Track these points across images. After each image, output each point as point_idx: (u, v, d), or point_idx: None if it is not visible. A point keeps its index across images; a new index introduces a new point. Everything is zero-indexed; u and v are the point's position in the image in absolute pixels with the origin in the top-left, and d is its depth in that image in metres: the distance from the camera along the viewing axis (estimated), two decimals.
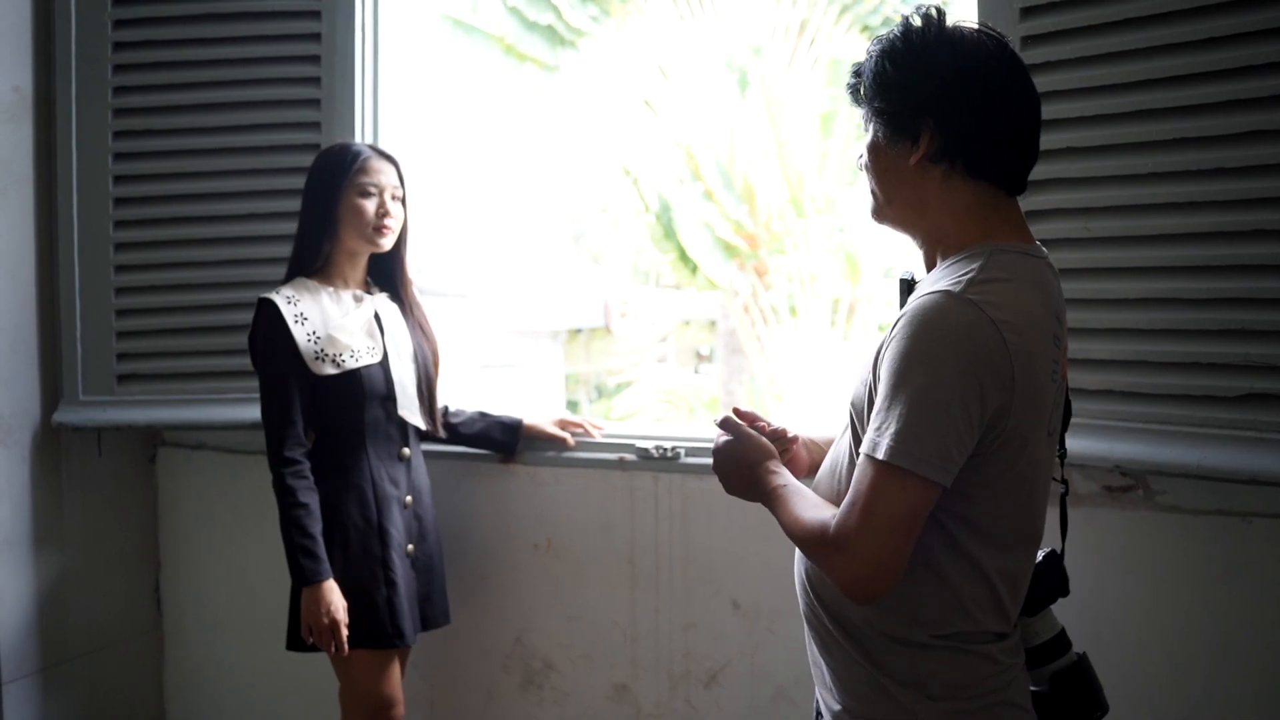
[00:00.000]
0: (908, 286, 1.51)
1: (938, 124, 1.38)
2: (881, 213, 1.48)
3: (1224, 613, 2.11)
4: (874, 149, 1.45)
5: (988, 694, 1.39)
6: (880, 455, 1.26)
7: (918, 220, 1.44)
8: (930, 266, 1.46)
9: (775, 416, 1.69)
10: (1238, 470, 1.93)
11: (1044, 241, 1.48)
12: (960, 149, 1.38)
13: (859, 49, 8.31)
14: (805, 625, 1.52)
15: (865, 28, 9.12)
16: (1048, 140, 1.44)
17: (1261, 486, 1.94)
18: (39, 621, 2.79)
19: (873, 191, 1.48)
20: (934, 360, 1.27)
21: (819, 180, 9.16)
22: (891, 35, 1.42)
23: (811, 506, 1.39)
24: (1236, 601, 2.09)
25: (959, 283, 1.31)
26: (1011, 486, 1.36)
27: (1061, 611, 1.50)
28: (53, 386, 2.80)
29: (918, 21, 1.41)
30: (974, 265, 1.33)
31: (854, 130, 8.82)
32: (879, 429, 1.28)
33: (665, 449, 2.57)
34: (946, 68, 1.38)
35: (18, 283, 2.73)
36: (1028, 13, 2.14)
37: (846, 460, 1.44)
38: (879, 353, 1.36)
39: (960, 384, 1.26)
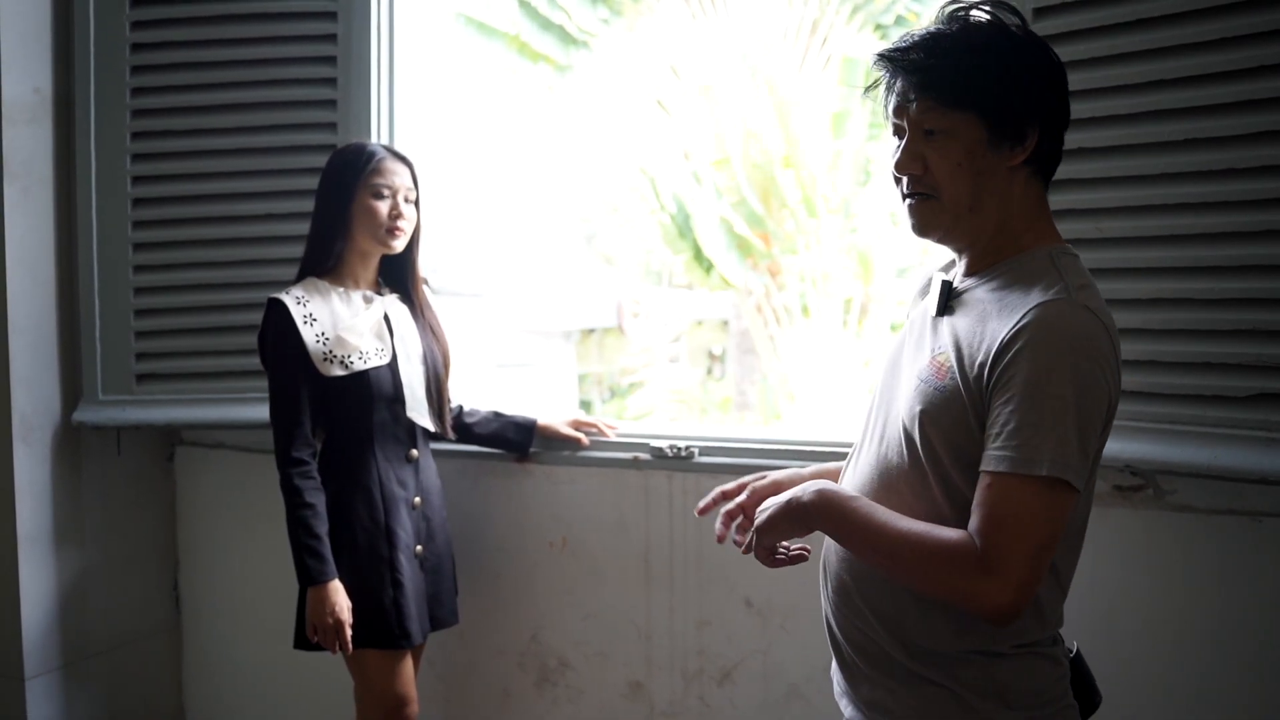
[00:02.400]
0: (948, 289, 1.45)
1: (1043, 125, 1.36)
2: (959, 221, 1.38)
3: (1233, 612, 2.11)
4: (973, 151, 1.35)
5: (1057, 698, 1.41)
6: (1042, 471, 1.22)
7: (987, 225, 1.38)
8: (974, 270, 1.42)
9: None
10: (1248, 470, 1.93)
11: None
12: (1050, 151, 1.39)
13: (870, 48, 8.29)
14: (848, 659, 1.47)
15: (878, 26, 9.08)
16: None
17: (1272, 486, 1.94)
18: (60, 618, 2.82)
19: (952, 199, 1.37)
20: (1071, 370, 1.25)
21: (831, 180, 9.14)
22: (990, 31, 1.36)
23: (921, 524, 1.31)
24: (1246, 601, 2.09)
25: (1064, 288, 1.29)
26: (1090, 489, 1.37)
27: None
28: (73, 386, 2.83)
29: (1004, 18, 1.38)
30: (1054, 269, 1.33)
31: (865, 130, 8.76)
32: (1022, 444, 1.24)
33: (680, 448, 2.58)
34: (1044, 68, 1.37)
35: (38, 283, 2.76)
36: (1040, 13, 2.13)
37: (904, 474, 1.39)
38: (972, 360, 1.32)
39: (1094, 392, 1.26)
